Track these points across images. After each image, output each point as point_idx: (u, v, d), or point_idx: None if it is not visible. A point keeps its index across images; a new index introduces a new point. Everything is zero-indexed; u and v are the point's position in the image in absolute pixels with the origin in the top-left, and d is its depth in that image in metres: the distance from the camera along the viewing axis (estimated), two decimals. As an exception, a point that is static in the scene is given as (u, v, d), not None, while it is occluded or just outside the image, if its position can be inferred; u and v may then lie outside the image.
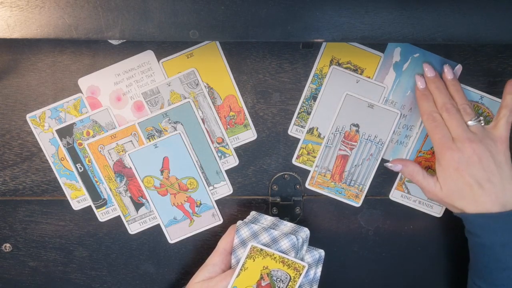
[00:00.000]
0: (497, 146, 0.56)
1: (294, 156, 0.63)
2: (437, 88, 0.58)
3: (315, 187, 0.64)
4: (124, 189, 0.63)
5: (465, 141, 0.55)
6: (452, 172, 0.56)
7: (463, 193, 0.56)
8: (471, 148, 0.55)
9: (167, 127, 0.62)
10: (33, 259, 0.65)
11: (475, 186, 0.55)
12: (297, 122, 0.62)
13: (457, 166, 0.55)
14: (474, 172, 0.55)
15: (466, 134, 0.55)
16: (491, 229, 0.55)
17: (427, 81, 0.59)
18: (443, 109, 0.57)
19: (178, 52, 0.60)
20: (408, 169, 0.60)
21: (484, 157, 0.55)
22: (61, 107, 0.61)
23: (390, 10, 0.49)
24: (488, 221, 0.55)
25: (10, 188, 0.63)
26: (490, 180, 0.55)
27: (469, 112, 0.57)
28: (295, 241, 0.54)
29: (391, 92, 0.61)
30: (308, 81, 0.61)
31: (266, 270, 0.54)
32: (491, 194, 0.55)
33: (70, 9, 0.48)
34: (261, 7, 0.48)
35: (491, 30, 0.50)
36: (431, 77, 0.59)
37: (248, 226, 0.57)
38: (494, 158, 0.55)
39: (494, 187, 0.55)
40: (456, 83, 0.59)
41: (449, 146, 0.56)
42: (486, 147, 0.55)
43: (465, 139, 0.55)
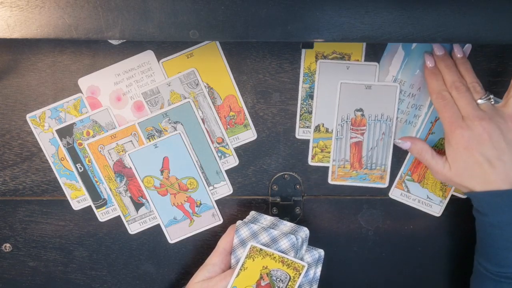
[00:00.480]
0: (508, 124, 0.55)
1: (309, 158, 0.63)
2: (446, 66, 0.58)
3: (338, 181, 0.64)
4: (124, 189, 0.63)
5: (475, 119, 0.55)
6: (462, 151, 0.55)
7: (473, 172, 0.55)
8: (481, 126, 0.54)
9: (167, 127, 0.62)
10: (33, 259, 0.65)
11: (485, 164, 0.55)
12: (301, 124, 0.62)
13: (467, 145, 0.55)
14: (484, 150, 0.54)
15: (476, 112, 0.55)
16: (499, 207, 0.55)
17: (436, 59, 0.59)
18: (453, 87, 0.56)
19: (178, 52, 0.60)
20: (417, 147, 0.59)
21: (494, 135, 0.54)
22: (61, 107, 0.61)
23: (390, 10, 0.49)
24: (496, 199, 0.55)
25: (10, 188, 0.63)
26: (500, 158, 0.54)
27: (479, 90, 0.56)
28: (294, 241, 0.54)
29: (399, 71, 0.61)
30: (300, 82, 0.61)
31: (266, 270, 0.54)
32: (502, 172, 0.54)
33: (70, 9, 0.48)
34: (261, 7, 0.48)
35: (491, 30, 0.50)
36: (441, 55, 0.58)
37: (247, 226, 0.57)
38: (505, 136, 0.55)
39: (504, 165, 0.54)
40: (465, 61, 0.58)
41: (458, 124, 0.55)
42: (497, 125, 0.55)
43: (475, 117, 0.55)
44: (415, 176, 0.64)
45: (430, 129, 0.63)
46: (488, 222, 0.56)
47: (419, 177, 0.64)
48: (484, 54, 0.61)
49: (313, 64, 0.61)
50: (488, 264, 0.58)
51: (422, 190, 0.64)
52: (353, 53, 0.61)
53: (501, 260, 0.56)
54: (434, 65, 0.59)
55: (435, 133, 0.63)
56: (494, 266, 0.57)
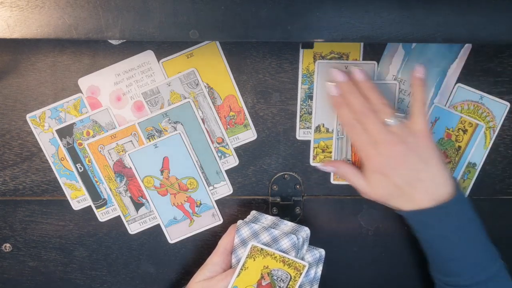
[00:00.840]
0: (419, 142, 0.55)
1: (310, 158, 0.63)
2: (350, 92, 0.56)
3: (341, 181, 0.64)
4: (124, 189, 0.63)
5: (386, 145, 0.54)
6: (379, 177, 0.56)
7: (395, 195, 0.56)
8: (393, 151, 0.54)
9: (167, 127, 0.62)
10: (33, 259, 0.65)
11: (405, 187, 0.55)
12: (302, 125, 0.62)
13: (383, 171, 0.55)
14: (401, 173, 0.55)
15: (386, 137, 0.55)
16: (427, 225, 0.56)
17: (339, 85, 0.57)
18: (359, 113, 0.55)
19: (178, 52, 0.60)
20: (342, 170, 0.60)
21: (408, 157, 0.54)
22: (61, 107, 0.61)
23: (390, 10, 0.49)
24: (423, 217, 0.56)
25: (10, 188, 0.63)
26: (418, 178, 0.55)
27: (386, 111, 0.55)
28: (295, 241, 0.54)
29: (399, 70, 0.61)
30: (298, 84, 0.61)
31: (267, 269, 0.54)
32: (423, 191, 0.55)
33: (70, 9, 0.48)
34: (261, 7, 0.48)
35: (491, 30, 0.50)
36: (341, 82, 0.57)
37: (248, 226, 0.57)
38: (419, 155, 0.55)
39: (424, 184, 0.55)
40: (367, 82, 0.57)
41: (372, 153, 0.55)
42: (408, 146, 0.54)
43: (385, 142, 0.54)
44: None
45: (430, 129, 0.63)
46: (422, 238, 0.58)
47: (419, 177, 0.64)
48: (484, 54, 0.61)
49: (311, 65, 0.61)
50: (438, 274, 0.59)
51: (422, 190, 0.64)
52: (351, 53, 0.61)
53: (447, 271, 0.58)
54: (338, 93, 0.57)
55: (435, 133, 0.63)
56: (444, 276, 0.58)
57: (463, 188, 0.65)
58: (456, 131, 0.63)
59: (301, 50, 0.60)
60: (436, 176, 0.55)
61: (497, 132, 0.63)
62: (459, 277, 0.56)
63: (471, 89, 0.62)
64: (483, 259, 0.56)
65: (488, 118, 0.63)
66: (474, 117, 0.63)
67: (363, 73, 0.57)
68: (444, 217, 0.55)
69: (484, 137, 0.63)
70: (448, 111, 0.63)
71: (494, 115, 0.63)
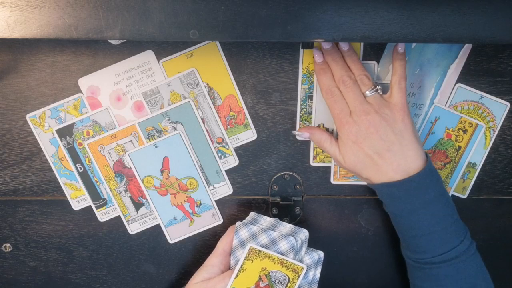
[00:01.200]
0: (394, 114, 0.56)
1: (310, 158, 0.63)
2: (333, 60, 0.58)
3: (341, 181, 0.64)
4: (124, 189, 0.63)
5: (361, 113, 0.55)
6: (351, 145, 0.57)
7: (365, 164, 0.57)
8: (367, 120, 0.55)
9: (167, 127, 0.62)
10: (33, 259, 0.65)
11: (374, 156, 0.56)
12: (302, 125, 0.62)
13: (355, 139, 0.56)
14: (372, 143, 0.56)
15: (362, 107, 0.56)
16: (396, 198, 0.56)
17: (324, 53, 0.58)
18: (340, 82, 0.57)
19: (178, 52, 0.60)
20: (316, 137, 0.60)
21: (381, 128, 0.55)
22: (61, 107, 0.61)
23: (390, 10, 0.49)
24: (392, 190, 0.56)
25: (10, 188, 0.63)
26: (389, 149, 0.55)
27: (366, 82, 0.56)
28: (293, 243, 0.54)
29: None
30: (298, 84, 0.61)
31: (265, 271, 0.54)
32: (393, 162, 0.56)
33: (70, 9, 0.48)
34: (261, 7, 0.48)
35: (491, 30, 0.50)
36: (327, 49, 0.58)
37: (247, 227, 0.57)
38: (392, 127, 0.56)
39: (394, 156, 0.55)
40: (352, 53, 0.58)
41: (346, 120, 0.56)
42: (383, 117, 0.55)
43: (361, 112, 0.56)
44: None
45: (430, 128, 0.63)
46: (391, 212, 0.59)
47: (419, 177, 0.64)
48: (484, 54, 0.61)
49: (311, 65, 0.61)
50: (408, 252, 0.60)
51: (422, 190, 0.64)
52: None
53: (416, 247, 0.58)
54: (322, 60, 0.58)
55: (435, 133, 0.63)
56: (413, 254, 0.59)
57: (463, 188, 0.65)
58: (456, 131, 0.63)
59: (301, 50, 0.60)
60: (407, 149, 0.56)
61: (497, 132, 0.63)
62: (427, 253, 0.57)
63: (471, 89, 0.62)
64: (452, 237, 0.56)
65: (488, 118, 0.63)
66: (474, 117, 0.63)
67: (349, 45, 0.58)
68: (412, 190, 0.55)
69: (484, 137, 0.63)
70: (448, 111, 0.63)
71: (494, 115, 0.63)
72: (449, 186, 0.64)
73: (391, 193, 0.57)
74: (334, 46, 0.58)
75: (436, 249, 0.56)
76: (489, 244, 0.66)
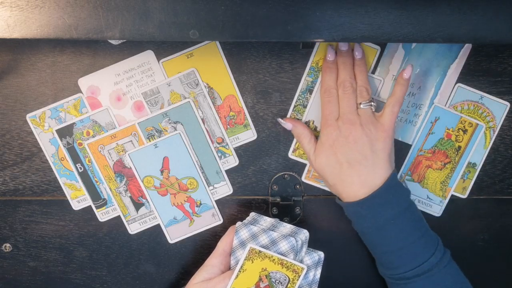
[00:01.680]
0: (378, 133, 0.56)
1: (290, 150, 0.63)
2: (343, 63, 0.58)
3: (311, 181, 0.64)
4: (124, 189, 0.63)
5: (347, 121, 0.56)
6: (327, 147, 0.57)
7: (333, 170, 0.57)
8: (349, 130, 0.56)
9: (167, 127, 0.62)
10: (33, 259, 0.65)
11: (345, 165, 0.56)
12: (293, 115, 0.62)
13: (333, 143, 0.57)
14: (347, 152, 0.56)
15: (351, 116, 0.56)
16: (362, 215, 0.57)
17: (338, 53, 0.59)
18: (341, 85, 0.57)
19: (178, 52, 0.60)
20: (297, 130, 0.60)
21: (360, 141, 0.56)
22: (61, 107, 0.61)
23: (390, 10, 0.49)
24: (357, 208, 0.57)
25: (10, 188, 0.63)
26: (361, 163, 0.56)
27: (364, 95, 0.57)
28: (294, 243, 0.54)
29: (399, 70, 0.61)
30: (304, 74, 0.61)
31: (265, 272, 0.54)
32: (360, 175, 0.56)
33: (70, 9, 0.48)
34: (261, 7, 0.48)
35: (491, 30, 0.50)
36: (342, 51, 0.58)
37: (247, 228, 0.57)
38: (371, 144, 0.56)
39: (364, 169, 0.56)
40: (362, 63, 0.58)
41: (331, 122, 0.57)
42: (365, 132, 0.56)
43: (348, 119, 0.56)
44: (415, 176, 0.64)
45: (430, 128, 0.63)
46: (359, 230, 0.59)
47: (419, 177, 0.64)
48: (484, 54, 0.61)
49: (321, 61, 0.61)
50: (382, 268, 0.60)
51: (422, 190, 0.64)
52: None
53: (388, 264, 0.58)
54: (333, 60, 0.59)
55: (435, 133, 0.63)
56: (387, 270, 0.59)
57: (463, 188, 0.65)
58: (456, 131, 0.63)
59: (317, 44, 0.60)
60: (377, 167, 0.56)
61: (497, 132, 0.63)
62: (399, 269, 0.57)
63: (471, 89, 0.62)
64: (423, 250, 0.56)
65: (488, 118, 0.63)
66: (474, 117, 0.63)
67: (363, 54, 0.59)
68: (376, 206, 0.56)
69: (484, 137, 0.63)
70: (448, 111, 0.63)
71: (494, 115, 0.63)
72: (449, 186, 0.64)
73: (357, 211, 0.57)
74: (349, 51, 0.59)
75: (407, 264, 0.56)
76: (489, 244, 0.66)
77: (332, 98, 0.58)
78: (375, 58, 0.61)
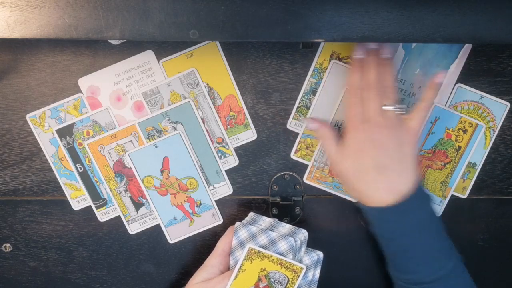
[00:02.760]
0: (406, 137, 0.55)
1: (292, 150, 0.63)
2: (372, 63, 0.56)
3: (313, 182, 0.64)
4: (124, 189, 0.63)
5: (374, 124, 0.55)
6: (353, 151, 0.56)
7: (360, 175, 0.56)
8: (378, 133, 0.55)
9: (167, 127, 0.62)
10: (33, 259, 0.65)
11: (373, 170, 0.55)
12: (296, 116, 0.62)
13: (359, 147, 0.55)
14: (374, 156, 0.55)
15: (378, 118, 0.55)
16: (388, 221, 0.56)
17: (366, 53, 0.57)
18: (367, 86, 0.56)
19: (178, 52, 0.60)
20: (321, 131, 0.59)
21: (387, 145, 0.55)
22: (61, 107, 0.61)
23: (390, 10, 0.49)
24: (383, 214, 0.55)
25: (10, 188, 0.63)
26: (389, 167, 0.55)
27: (390, 96, 0.56)
28: (293, 243, 0.54)
29: (400, 70, 0.61)
30: (308, 75, 0.61)
31: (264, 272, 0.54)
32: (387, 180, 0.55)
33: (70, 9, 0.48)
34: (261, 7, 0.48)
35: (491, 30, 0.50)
36: (371, 50, 0.57)
37: (246, 228, 0.57)
38: (399, 148, 0.55)
39: (391, 174, 0.55)
40: (389, 63, 0.57)
41: (357, 125, 0.56)
42: (392, 136, 0.55)
43: (375, 122, 0.55)
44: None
45: (430, 129, 0.63)
46: (381, 235, 0.58)
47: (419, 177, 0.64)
48: (484, 54, 0.61)
49: (325, 62, 0.61)
50: (397, 273, 0.59)
51: (422, 190, 0.64)
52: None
53: (406, 268, 0.57)
54: (361, 58, 0.57)
55: (435, 133, 0.63)
56: (403, 274, 0.58)
57: (463, 188, 0.65)
58: (456, 131, 0.63)
59: (321, 44, 0.60)
60: (404, 171, 0.55)
61: (497, 132, 0.63)
62: (418, 274, 0.56)
63: (471, 89, 0.62)
64: (441, 255, 0.56)
65: (488, 118, 0.63)
66: (474, 117, 0.63)
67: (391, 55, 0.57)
68: (405, 213, 0.55)
69: (484, 137, 0.63)
70: (448, 111, 0.63)
71: (494, 115, 0.63)
72: (449, 186, 0.64)
73: (382, 216, 0.56)
74: (377, 50, 0.57)
75: (426, 269, 0.56)
76: (489, 244, 0.66)
77: (358, 99, 0.56)
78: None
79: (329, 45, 0.60)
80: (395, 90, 0.56)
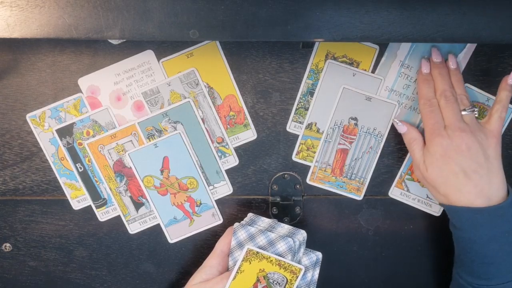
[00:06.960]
0: (488, 140, 0.56)
1: (293, 153, 0.63)
2: (440, 74, 0.58)
3: (316, 182, 0.64)
4: (124, 188, 0.63)
5: (456, 129, 0.55)
6: (438, 157, 0.56)
7: (447, 180, 0.56)
8: (461, 137, 0.55)
9: (167, 127, 0.62)
10: (33, 259, 0.65)
11: (460, 174, 0.55)
12: (295, 118, 0.62)
13: (445, 153, 0.55)
14: (461, 160, 0.55)
15: (459, 123, 0.56)
16: (478, 224, 0.55)
17: (432, 66, 0.59)
18: (442, 95, 0.57)
19: (178, 52, 0.60)
20: (409, 135, 0.60)
21: (473, 148, 0.55)
22: (61, 107, 0.61)
23: (390, 10, 0.49)
24: (475, 216, 0.55)
25: (10, 188, 0.63)
26: (476, 171, 0.55)
27: (465, 102, 0.57)
28: (291, 244, 0.54)
29: (407, 56, 0.61)
30: (304, 77, 0.61)
31: (263, 272, 0.54)
32: (477, 185, 0.55)
33: (70, 9, 0.48)
34: (261, 7, 0.48)
35: (491, 30, 0.50)
36: (437, 63, 0.59)
37: (245, 228, 0.57)
38: (484, 150, 0.55)
39: (480, 179, 0.55)
40: (458, 73, 0.59)
41: (439, 132, 0.56)
42: (477, 139, 0.55)
43: (457, 127, 0.55)
44: (415, 176, 0.64)
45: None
46: (466, 238, 0.57)
47: (419, 177, 0.64)
48: (484, 54, 0.61)
49: (321, 63, 0.61)
50: (468, 277, 0.58)
51: (421, 189, 0.64)
52: (362, 62, 0.61)
53: (482, 274, 0.57)
54: (428, 72, 0.59)
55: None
56: (475, 279, 0.58)
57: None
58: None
59: (316, 45, 0.60)
60: (493, 176, 0.55)
61: (497, 132, 0.63)
62: (493, 280, 0.56)
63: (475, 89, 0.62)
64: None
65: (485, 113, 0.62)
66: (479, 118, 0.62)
67: (457, 65, 0.59)
68: (497, 218, 0.55)
69: (484, 137, 0.63)
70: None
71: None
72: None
73: (473, 218, 0.55)
74: (443, 61, 0.59)
75: (503, 276, 0.56)
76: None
77: (434, 108, 0.57)
78: (374, 57, 0.61)
79: (324, 45, 0.60)
80: (468, 96, 0.58)
